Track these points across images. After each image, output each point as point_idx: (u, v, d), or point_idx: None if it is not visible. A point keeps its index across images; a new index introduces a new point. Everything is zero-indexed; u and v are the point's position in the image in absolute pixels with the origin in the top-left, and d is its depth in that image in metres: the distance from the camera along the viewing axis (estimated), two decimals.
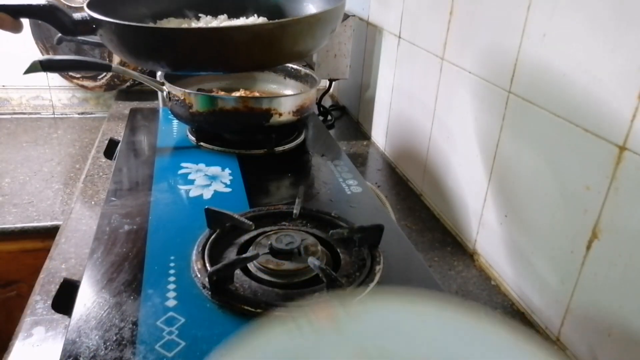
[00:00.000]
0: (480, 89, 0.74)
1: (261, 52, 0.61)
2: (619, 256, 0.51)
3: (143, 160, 0.83)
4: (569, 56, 0.56)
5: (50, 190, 1.11)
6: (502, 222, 0.70)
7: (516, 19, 0.64)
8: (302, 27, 0.63)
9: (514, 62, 0.66)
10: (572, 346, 0.59)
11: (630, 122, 0.49)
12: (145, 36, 0.59)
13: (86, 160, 1.15)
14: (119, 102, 1.39)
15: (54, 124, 1.49)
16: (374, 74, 1.16)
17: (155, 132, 0.93)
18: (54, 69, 0.80)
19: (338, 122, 1.31)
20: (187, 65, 0.67)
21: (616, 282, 0.52)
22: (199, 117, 0.85)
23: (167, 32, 0.61)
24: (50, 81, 1.51)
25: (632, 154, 0.49)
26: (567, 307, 0.59)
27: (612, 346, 0.53)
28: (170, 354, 0.46)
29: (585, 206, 0.55)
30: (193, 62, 0.61)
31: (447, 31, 0.82)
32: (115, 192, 0.72)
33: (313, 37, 0.65)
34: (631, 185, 0.49)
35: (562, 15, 0.57)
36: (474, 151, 0.76)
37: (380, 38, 1.10)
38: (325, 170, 0.84)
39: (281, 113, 0.85)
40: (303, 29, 0.63)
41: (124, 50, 0.61)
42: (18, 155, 1.26)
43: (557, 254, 0.60)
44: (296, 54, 0.70)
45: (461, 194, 0.81)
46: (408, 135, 1.00)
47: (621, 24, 0.50)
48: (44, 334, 0.61)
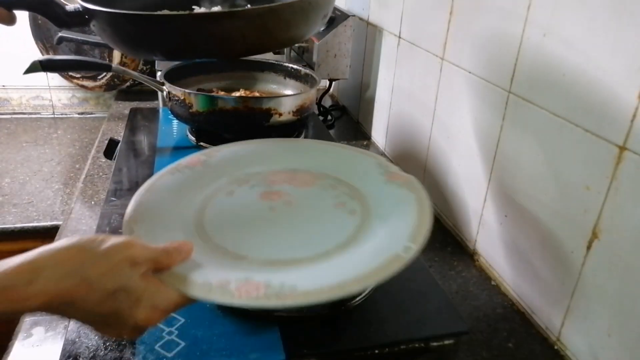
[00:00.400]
0: (480, 89, 0.74)
1: (253, 37, 0.60)
2: (619, 256, 0.51)
3: (143, 160, 0.83)
4: (569, 56, 0.56)
5: (50, 190, 1.11)
6: (502, 222, 0.70)
7: (516, 19, 0.64)
8: (294, 11, 0.62)
9: (514, 61, 0.65)
10: (572, 346, 0.59)
11: (631, 122, 0.49)
12: (137, 24, 0.59)
13: (86, 160, 1.15)
14: (119, 102, 1.39)
15: (54, 124, 1.49)
16: (374, 74, 1.15)
17: (155, 132, 0.93)
18: (54, 68, 0.80)
19: (338, 122, 1.31)
20: (179, 53, 0.67)
21: (616, 282, 0.52)
22: (199, 117, 0.85)
23: (158, 18, 0.61)
24: (50, 81, 1.51)
25: (633, 154, 0.49)
26: (568, 307, 0.59)
27: (612, 346, 0.53)
28: (170, 354, 0.46)
29: (586, 206, 0.55)
30: (186, 48, 0.60)
31: (447, 31, 0.82)
32: (115, 192, 0.72)
33: (306, 21, 0.64)
34: (631, 185, 0.49)
35: (563, 15, 0.57)
36: (474, 151, 0.76)
37: (380, 38, 1.10)
38: None
39: (281, 113, 0.84)
40: (295, 13, 0.62)
41: (117, 40, 0.61)
42: (18, 155, 1.26)
43: (557, 254, 0.60)
44: (288, 40, 0.69)
45: (461, 194, 0.81)
46: (408, 135, 1.00)
47: (621, 24, 0.49)
48: (44, 334, 0.61)
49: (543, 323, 0.63)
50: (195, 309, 0.50)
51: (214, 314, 0.52)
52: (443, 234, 0.84)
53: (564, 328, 0.60)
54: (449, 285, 0.72)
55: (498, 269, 0.73)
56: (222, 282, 0.41)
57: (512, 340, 0.62)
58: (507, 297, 0.70)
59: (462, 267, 0.76)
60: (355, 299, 0.54)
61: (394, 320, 0.53)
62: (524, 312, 0.67)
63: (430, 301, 0.56)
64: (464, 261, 0.77)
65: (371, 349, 0.50)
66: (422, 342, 0.51)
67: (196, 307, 0.51)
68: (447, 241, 0.82)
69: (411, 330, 0.52)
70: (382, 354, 0.50)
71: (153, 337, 0.48)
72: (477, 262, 0.77)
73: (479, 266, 0.76)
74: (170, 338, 0.48)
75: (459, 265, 0.76)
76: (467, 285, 0.72)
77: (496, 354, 0.60)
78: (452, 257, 0.78)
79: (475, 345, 0.61)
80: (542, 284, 0.63)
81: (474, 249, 0.78)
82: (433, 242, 0.82)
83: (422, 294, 0.57)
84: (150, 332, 0.48)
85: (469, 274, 0.75)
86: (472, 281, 0.73)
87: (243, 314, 0.51)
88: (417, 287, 0.58)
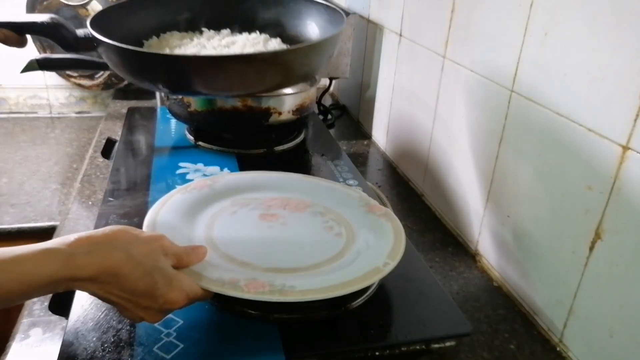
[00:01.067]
0: (482, 88, 0.73)
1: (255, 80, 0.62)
2: (622, 257, 0.51)
3: (141, 160, 0.83)
4: (571, 55, 0.56)
5: (48, 190, 1.10)
6: (504, 223, 0.70)
7: (518, 18, 0.64)
8: (297, 56, 0.64)
9: (517, 60, 0.65)
10: (575, 347, 0.58)
11: (634, 122, 0.48)
12: (140, 59, 0.61)
13: (84, 160, 1.14)
14: (116, 101, 1.38)
15: (51, 124, 1.48)
16: (374, 73, 1.15)
17: (153, 131, 0.93)
18: (51, 67, 0.80)
19: (338, 122, 1.30)
20: (181, 89, 0.68)
21: (619, 283, 0.51)
22: (198, 116, 0.84)
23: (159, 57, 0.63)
24: (47, 80, 1.50)
25: (636, 154, 0.49)
26: (570, 308, 0.58)
27: (615, 348, 0.53)
28: (169, 356, 0.46)
29: (588, 206, 0.55)
30: (186, 86, 0.62)
31: (449, 29, 0.81)
32: (113, 192, 0.72)
33: (309, 64, 0.65)
34: (634, 186, 0.49)
35: (564, 14, 0.56)
36: (476, 151, 0.76)
37: (381, 36, 1.10)
38: (325, 170, 0.83)
39: (281, 112, 0.84)
40: (298, 58, 0.63)
41: (123, 70, 0.64)
42: (15, 155, 1.25)
43: (559, 255, 0.59)
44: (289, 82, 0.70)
45: (463, 194, 0.80)
46: (409, 134, 0.99)
47: (624, 22, 0.49)
48: (41, 336, 0.61)
49: (545, 324, 0.63)
50: (193, 311, 0.50)
51: (213, 315, 0.51)
52: (444, 234, 0.84)
53: (566, 329, 0.59)
54: (450, 286, 0.71)
55: (500, 269, 0.72)
56: (233, 279, 0.48)
57: (513, 341, 0.62)
58: (509, 299, 0.69)
59: (464, 268, 0.75)
60: (356, 300, 0.54)
61: (395, 321, 0.53)
62: (526, 313, 0.66)
63: (431, 302, 0.55)
64: (466, 262, 0.77)
65: (371, 350, 0.50)
66: (423, 344, 0.51)
67: (194, 309, 0.50)
68: (448, 242, 0.82)
69: (412, 332, 0.51)
70: (383, 355, 0.50)
71: (151, 338, 0.47)
72: (479, 262, 0.77)
73: (480, 267, 0.76)
74: (168, 340, 0.48)
75: (460, 266, 0.76)
76: (468, 287, 0.71)
77: (498, 355, 0.60)
78: (454, 258, 0.78)
79: (477, 347, 0.61)
80: (544, 285, 0.63)
81: (475, 250, 0.78)
82: (434, 243, 0.81)
83: (423, 295, 0.56)
84: (149, 334, 0.48)
85: (471, 274, 0.74)
86: (474, 282, 0.73)
87: (242, 315, 0.51)
88: (418, 288, 0.57)
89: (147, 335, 0.48)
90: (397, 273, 0.52)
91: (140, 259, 0.42)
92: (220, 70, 0.59)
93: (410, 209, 0.91)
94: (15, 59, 0.66)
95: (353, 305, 0.53)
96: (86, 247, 0.40)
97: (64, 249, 0.40)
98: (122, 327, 0.49)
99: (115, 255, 0.41)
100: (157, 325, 0.49)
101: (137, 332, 0.48)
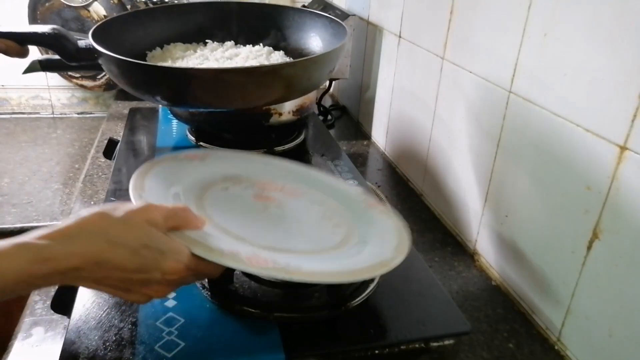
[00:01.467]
0: (481, 89, 0.73)
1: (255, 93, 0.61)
2: (620, 256, 0.51)
3: (142, 160, 0.83)
4: (569, 56, 0.56)
5: (50, 190, 1.10)
6: (503, 222, 0.70)
7: (517, 19, 0.64)
8: (299, 69, 0.63)
9: (515, 61, 0.65)
10: (572, 346, 0.59)
11: (631, 122, 0.49)
12: (139, 71, 0.61)
13: (85, 160, 1.15)
14: (118, 101, 1.38)
15: (53, 124, 1.48)
16: (374, 74, 1.15)
17: (155, 131, 0.93)
18: (53, 68, 0.80)
19: (338, 122, 1.31)
20: (182, 103, 0.68)
21: (617, 283, 0.52)
22: (199, 117, 0.84)
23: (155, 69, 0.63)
24: (49, 81, 1.51)
25: (633, 154, 0.49)
26: (568, 307, 0.59)
27: (613, 347, 0.53)
28: (170, 354, 0.46)
29: (586, 206, 0.55)
30: (186, 99, 0.62)
31: (448, 30, 0.81)
32: (115, 192, 0.72)
33: (310, 77, 0.65)
34: (632, 186, 0.49)
35: (563, 15, 0.57)
36: (475, 151, 0.76)
37: (381, 37, 1.10)
38: (325, 170, 0.84)
39: (281, 113, 0.84)
40: (300, 71, 0.63)
41: (123, 82, 0.64)
42: (17, 155, 1.26)
43: (558, 255, 0.60)
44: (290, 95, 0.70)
45: (462, 194, 0.81)
46: (408, 135, 1.00)
47: (622, 23, 0.49)
48: (43, 335, 0.61)
49: (544, 323, 0.63)
50: (194, 310, 0.50)
51: (214, 314, 0.52)
52: (443, 234, 0.84)
53: (564, 328, 0.60)
54: (450, 285, 0.72)
55: (499, 269, 0.73)
56: (233, 251, 0.45)
57: (512, 340, 0.62)
58: (508, 298, 0.70)
59: (463, 268, 0.76)
60: (355, 300, 0.54)
61: (394, 321, 0.53)
62: (525, 312, 0.67)
63: (430, 301, 0.56)
64: (465, 261, 0.77)
65: (371, 349, 0.50)
66: (423, 343, 0.51)
67: (195, 308, 0.51)
68: (447, 241, 0.82)
69: (411, 331, 0.52)
70: (382, 354, 0.50)
71: (153, 337, 0.48)
72: (478, 262, 0.77)
73: (479, 266, 0.76)
74: (170, 338, 0.48)
75: (460, 266, 0.76)
76: (467, 286, 0.72)
77: (497, 354, 0.60)
78: (453, 257, 0.78)
79: (476, 346, 0.61)
80: (543, 284, 0.63)
81: (474, 249, 0.78)
82: (433, 242, 0.81)
83: (423, 294, 0.57)
84: (150, 333, 0.48)
85: (470, 274, 0.75)
86: (473, 281, 0.73)
87: (243, 314, 0.51)
88: (418, 287, 0.58)
89: (148, 333, 0.48)
90: (397, 273, 0.52)
91: (122, 241, 0.40)
92: (219, 83, 0.58)
93: (410, 208, 0.91)
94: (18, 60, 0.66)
95: (353, 305, 0.54)
96: (60, 239, 0.39)
97: (35, 243, 0.38)
98: (124, 326, 0.49)
99: (93, 243, 0.40)
100: (159, 323, 0.49)
101: (138, 330, 0.49)
